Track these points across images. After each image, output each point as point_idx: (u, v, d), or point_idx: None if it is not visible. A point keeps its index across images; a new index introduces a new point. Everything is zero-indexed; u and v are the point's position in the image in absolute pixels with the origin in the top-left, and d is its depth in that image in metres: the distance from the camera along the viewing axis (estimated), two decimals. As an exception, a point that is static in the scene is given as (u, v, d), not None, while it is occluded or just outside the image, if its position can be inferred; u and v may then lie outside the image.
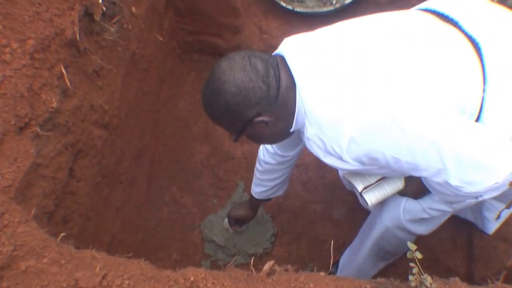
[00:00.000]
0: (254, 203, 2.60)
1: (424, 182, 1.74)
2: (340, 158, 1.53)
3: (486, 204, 2.17)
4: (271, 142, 1.87)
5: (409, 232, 2.03)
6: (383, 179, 1.86)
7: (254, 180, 2.42)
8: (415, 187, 1.86)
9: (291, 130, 1.65)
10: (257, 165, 2.33)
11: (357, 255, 2.36)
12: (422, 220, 1.97)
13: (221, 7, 2.98)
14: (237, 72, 1.49)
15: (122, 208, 2.54)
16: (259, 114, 1.54)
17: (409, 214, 1.96)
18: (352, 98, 1.45)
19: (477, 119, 1.54)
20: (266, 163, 2.23)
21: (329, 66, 1.51)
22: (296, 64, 1.55)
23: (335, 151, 1.52)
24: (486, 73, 1.53)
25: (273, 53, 1.64)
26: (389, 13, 1.68)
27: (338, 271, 2.56)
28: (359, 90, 1.45)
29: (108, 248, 2.34)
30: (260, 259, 2.77)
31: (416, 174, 1.56)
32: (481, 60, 1.54)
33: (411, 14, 1.71)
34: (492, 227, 2.28)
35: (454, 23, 1.61)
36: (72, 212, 1.96)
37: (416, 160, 1.46)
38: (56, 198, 1.79)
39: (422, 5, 1.77)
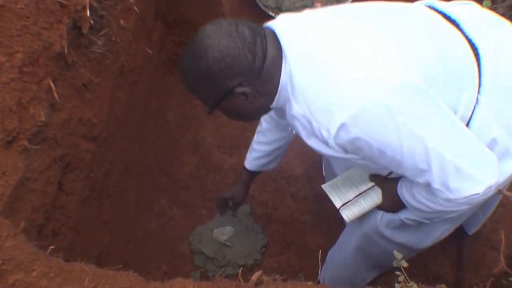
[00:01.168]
0: (245, 179, 2.42)
1: (401, 198, 1.73)
2: (326, 143, 1.47)
3: None
4: (246, 118, 1.74)
5: (389, 240, 2.00)
6: (360, 194, 1.87)
7: (250, 150, 2.31)
8: (391, 202, 1.84)
9: (271, 107, 1.58)
10: (255, 136, 2.23)
11: (341, 256, 2.36)
12: (403, 227, 1.92)
13: (210, 18, 2.98)
14: (223, 37, 1.42)
15: (111, 220, 2.53)
16: (240, 85, 1.46)
17: (387, 220, 1.94)
18: (349, 83, 1.37)
19: (466, 126, 1.51)
20: (266, 122, 2.12)
21: (326, 46, 1.44)
22: (289, 38, 1.47)
23: (322, 135, 1.44)
24: (482, 81, 1.51)
25: (263, 26, 1.58)
26: (392, 2, 1.63)
27: (323, 267, 2.53)
28: (356, 76, 1.37)
29: (97, 261, 2.33)
30: (250, 270, 2.77)
31: (397, 171, 1.55)
32: (479, 66, 1.52)
33: (415, 6, 1.66)
34: (473, 229, 2.29)
35: (456, 24, 1.57)
36: (61, 226, 1.96)
37: (402, 158, 1.42)
38: (45, 212, 1.79)
39: (423, 2, 1.71)
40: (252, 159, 2.30)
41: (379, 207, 1.89)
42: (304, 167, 3.07)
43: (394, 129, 1.35)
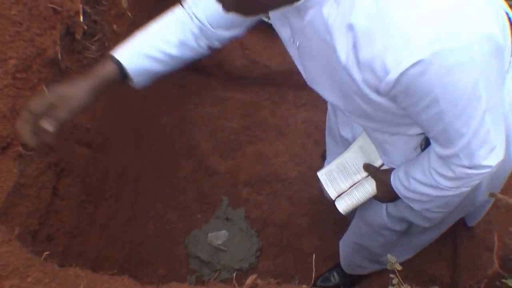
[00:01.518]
0: (101, 76, 1.52)
1: (395, 190, 1.68)
2: (378, 79, 1.16)
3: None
4: (263, 5, 1.20)
5: (391, 229, 1.99)
6: (354, 185, 1.83)
7: (135, 36, 1.61)
8: (385, 192, 1.76)
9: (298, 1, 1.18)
10: (156, 26, 1.66)
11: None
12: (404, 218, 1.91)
13: (202, 23, 3.00)
14: None
15: (107, 225, 2.53)
16: None
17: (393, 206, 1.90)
18: (442, 18, 1.09)
19: None
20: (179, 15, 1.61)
21: None
22: None
23: (383, 65, 1.12)
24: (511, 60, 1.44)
25: None
26: None
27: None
28: (451, 12, 1.09)
29: (93, 265, 2.33)
30: (246, 274, 2.77)
31: (427, 128, 1.33)
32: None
33: None
34: (474, 220, 2.29)
35: None
36: (56, 231, 1.96)
37: (451, 114, 1.22)
38: (40, 217, 1.79)
39: None
40: (137, 53, 1.57)
41: (374, 197, 1.85)
42: (299, 170, 3.08)
43: (466, 81, 1.15)
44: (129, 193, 2.87)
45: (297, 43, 1.35)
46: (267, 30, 3.22)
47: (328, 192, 1.87)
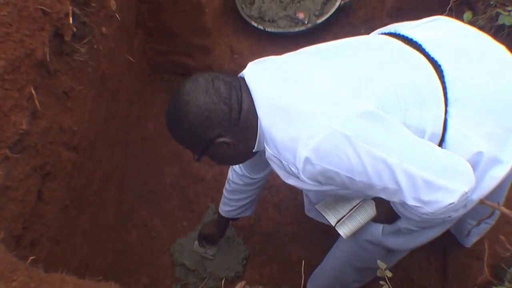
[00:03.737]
0: (223, 222, 2.59)
1: (394, 208, 1.76)
2: (298, 178, 1.56)
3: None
4: (233, 162, 1.98)
5: (384, 246, 2.01)
6: (353, 209, 1.87)
7: (222, 199, 2.44)
8: (385, 213, 1.86)
9: (253, 151, 1.69)
10: (226, 185, 2.35)
11: (331, 267, 2.36)
12: (399, 232, 1.93)
13: (191, 27, 2.99)
14: (200, 93, 1.54)
15: (91, 231, 2.50)
16: (220, 136, 1.58)
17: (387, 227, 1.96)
18: (306, 119, 1.49)
19: (441, 142, 1.58)
20: (234, 183, 2.27)
21: (287, 88, 1.56)
22: (254, 86, 1.59)
23: (292, 172, 1.54)
24: (448, 97, 1.57)
25: (239, 75, 1.69)
26: (352, 38, 1.79)
27: (311, 277, 2.55)
28: (314, 112, 1.49)
29: (76, 273, 2.27)
30: (232, 282, 2.75)
31: (371, 194, 1.61)
32: (443, 83, 1.58)
33: (375, 38, 1.79)
34: (470, 240, 2.30)
35: (418, 46, 1.67)
36: (40, 236, 1.92)
37: (371, 181, 1.49)
38: (25, 222, 1.76)
39: (386, 28, 1.84)
40: (226, 211, 2.44)
41: (374, 220, 1.90)
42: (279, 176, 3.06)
43: (354, 154, 1.45)
44: (113, 198, 2.84)
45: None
46: (257, 36, 3.22)
47: (328, 219, 1.89)
